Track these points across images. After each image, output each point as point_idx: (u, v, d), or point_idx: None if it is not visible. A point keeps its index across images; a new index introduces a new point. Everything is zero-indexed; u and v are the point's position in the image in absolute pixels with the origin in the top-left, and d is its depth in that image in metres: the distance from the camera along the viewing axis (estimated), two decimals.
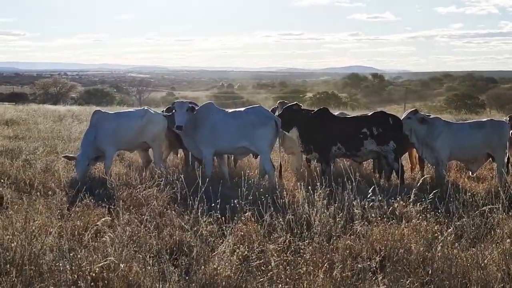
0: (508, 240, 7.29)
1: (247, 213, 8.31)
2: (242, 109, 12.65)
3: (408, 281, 6.49)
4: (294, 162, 13.54)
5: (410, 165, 13.79)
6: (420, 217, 8.26)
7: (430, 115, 12.99)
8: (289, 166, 13.75)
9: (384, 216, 8.28)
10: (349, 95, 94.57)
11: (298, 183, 9.82)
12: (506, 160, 12.67)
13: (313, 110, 13.00)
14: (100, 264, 6.38)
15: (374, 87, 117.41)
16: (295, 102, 13.05)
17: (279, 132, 12.19)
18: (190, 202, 8.40)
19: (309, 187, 9.04)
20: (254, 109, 12.37)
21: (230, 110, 12.74)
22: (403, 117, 12.37)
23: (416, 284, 6.47)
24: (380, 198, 8.78)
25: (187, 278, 6.49)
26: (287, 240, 7.51)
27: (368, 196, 8.56)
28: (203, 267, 6.63)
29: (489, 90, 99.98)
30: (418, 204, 8.74)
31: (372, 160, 13.63)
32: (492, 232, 7.99)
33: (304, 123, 12.34)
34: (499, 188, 9.97)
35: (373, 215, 8.32)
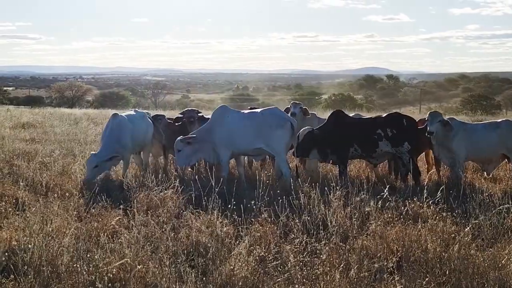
0: None
1: (263, 214, 8.32)
2: (258, 110, 12.65)
3: (425, 281, 6.48)
4: (310, 164, 13.48)
5: (426, 165, 13.74)
6: (437, 217, 8.23)
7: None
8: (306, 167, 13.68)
9: (401, 216, 8.26)
10: (364, 97, 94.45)
11: (313, 184, 9.84)
12: None
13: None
14: (116, 264, 6.41)
15: (390, 88, 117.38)
16: (309, 127, 12.99)
17: (294, 134, 12.18)
18: (205, 203, 8.45)
19: (325, 188, 9.05)
20: (270, 110, 12.36)
21: (246, 111, 12.75)
22: (435, 120, 12.11)
23: (433, 285, 6.46)
24: (396, 199, 8.80)
25: (204, 279, 6.51)
26: (303, 241, 7.50)
27: (384, 196, 8.55)
28: (219, 268, 6.65)
29: (505, 91, 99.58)
30: (434, 204, 8.74)
31: (388, 161, 13.62)
32: (510, 232, 7.95)
33: (321, 129, 12.40)
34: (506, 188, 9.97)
35: (389, 215, 8.31)
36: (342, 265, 6.68)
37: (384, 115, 12.79)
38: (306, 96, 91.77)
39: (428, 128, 11.82)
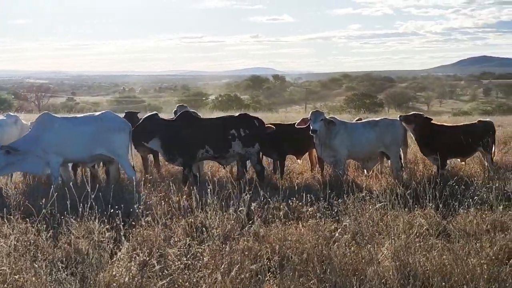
0: (403, 236, 7.47)
1: (145, 218, 8.22)
2: (95, 114, 12.35)
3: (304, 278, 6.56)
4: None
5: (310, 165, 13.95)
6: (318, 216, 8.36)
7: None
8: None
9: (282, 216, 8.33)
10: (251, 97, 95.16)
11: (191, 187, 9.84)
12: (401, 158, 13.01)
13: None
14: None
15: (276, 88, 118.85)
16: (155, 112, 12.85)
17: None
18: (81, 210, 8.24)
19: (209, 191, 8.99)
20: (107, 115, 12.13)
21: (78, 116, 12.62)
22: (317, 118, 12.23)
23: (313, 281, 6.54)
24: (278, 199, 8.90)
25: (83, 286, 6.38)
26: (186, 244, 7.48)
27: (265, 196, 8.63)
28: (99, 274, 6.52)
29: (386, 89, 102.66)
30: (316, 203, 8.88)
31: (273, 161, 13.75)
32: (388, 228, 8.14)
33: (167, 131, 12.14)
34: (385, 185, 10.26)
35: (271, 215, 8.38)
36: (223, 267, 6.69)
37: (236, 115, 12.88)
38: (192, 97, 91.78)
39: (311, 127, 11.97)
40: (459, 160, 13.59)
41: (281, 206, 8.67)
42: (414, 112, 13.44)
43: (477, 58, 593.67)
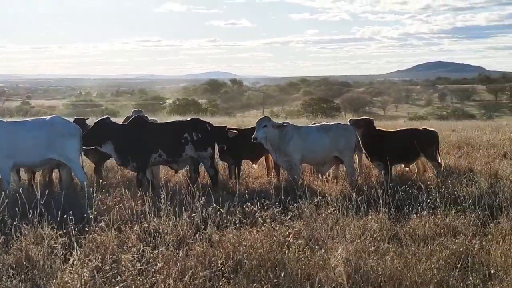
0: (356, 241, 7.53)
1: (99, 224, 8.15)
2: (45, 118, 12.12)
3: (258, 284, 6.57)
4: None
5: (266, 169, 13.99)
6: (273, 221, 8.37)
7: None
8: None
9: (237, 221, 8.32)
10: (208, 101, 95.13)
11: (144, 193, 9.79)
12: (355, 162, 13.14)
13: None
14: None
15: (233, 92, 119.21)
16: (106, 116, 12.76)
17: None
18: (31, 216, 8.12)
19: (162, 196, 8.94)
20: (57, 119, 11.94)
21: (27, 120, 12.33)
22: (260, 126, 12.33)
23: (266, 286, 6.55)
24: (234, 204, 8.90)
25: None
26: (141, 249, 7.44)
27: (216, 201, 8.62)
28: (50, 281, 6.46)
29: (344, 94, 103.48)
30: (271, 207, 8.90)
31: (228, 165, 13.76)
32: (343, 232, 8.18)
33: (120, 135, 12.08)
34: (339, 190, 10.31)
35: (225, 220, 8.37)
36: (177, 272, 6.67)
37: (188, 119, 12.90)
38: (150, 101, 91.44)
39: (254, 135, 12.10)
40: (403, 166, 13.75)
41: (236, 211, 8.63)
42: (363, 117, 13.56)
43: (432, 63, 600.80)
